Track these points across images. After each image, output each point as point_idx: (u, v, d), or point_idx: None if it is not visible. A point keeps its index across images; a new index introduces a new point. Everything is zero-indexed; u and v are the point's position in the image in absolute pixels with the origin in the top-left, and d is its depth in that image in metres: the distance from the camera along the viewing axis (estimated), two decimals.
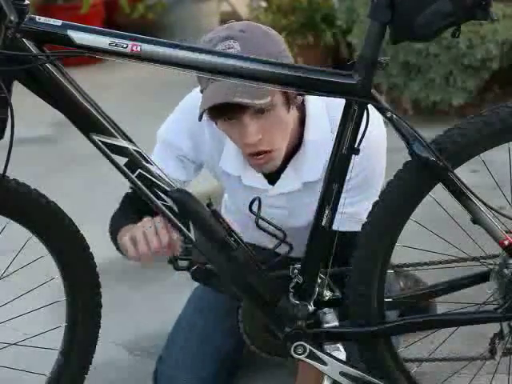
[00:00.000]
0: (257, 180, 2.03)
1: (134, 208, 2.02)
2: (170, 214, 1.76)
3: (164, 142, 2.06)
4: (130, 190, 2.08)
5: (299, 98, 1.91)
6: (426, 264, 1.93)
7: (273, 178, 2.02)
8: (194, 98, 2.01)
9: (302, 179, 2.01)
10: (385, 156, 2.00)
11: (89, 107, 1.69)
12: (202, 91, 1.87)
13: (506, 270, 1.83)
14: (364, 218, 1.96)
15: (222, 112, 1.82)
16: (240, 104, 1.78)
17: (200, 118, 1.85)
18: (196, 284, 2.35)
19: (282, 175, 2.01)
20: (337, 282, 1.90)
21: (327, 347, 1.87)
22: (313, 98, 1.97)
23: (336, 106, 1.94)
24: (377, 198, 2.03)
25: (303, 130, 1.97)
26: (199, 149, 2.06)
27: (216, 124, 1.92)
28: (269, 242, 1.91)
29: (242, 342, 1.94)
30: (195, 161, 2.08)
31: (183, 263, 1.96)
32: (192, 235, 1.77)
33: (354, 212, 1.94)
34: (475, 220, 1.78)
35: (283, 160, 1.98)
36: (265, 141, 1.87)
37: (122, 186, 2.03)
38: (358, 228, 1.97)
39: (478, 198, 1.76)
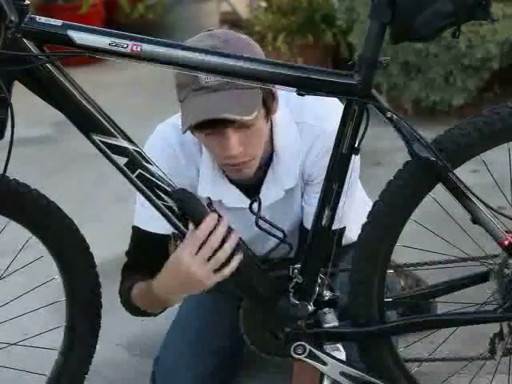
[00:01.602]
0: (238, 199, 1.99)
1: (140, 271, 1.98)
2: (170, 214, 1.76)
3: None
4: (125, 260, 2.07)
5: (275, 106, 1.88)
6: (426, 264, 1.93)
7: (253, 193, 1.99)
8: (160, 137, 2.00)
9: (283, 187, 2.00)
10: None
11: (89, 107, 1.69)
12: (181, 101, 1.84)
13: (506, 270, 1.83)
14: (346, 214, 1.96)
15: (207, 125, 1.78)
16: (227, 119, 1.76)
17: (184, 132, 1.84)
18: None
19: (263, 188, 1.99)
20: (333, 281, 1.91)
21: (327, 347, 1.87)
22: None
23: (301, 111, 1.95)
24: (356, 193, 2.04)
25: (273, 139, 1.97)
26: (179, 182, 2.02)
27: (193, 133, 1.91)
28: (264, 249, 1.92)
29: (242, 342, 1.94)
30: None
31: None
32: None
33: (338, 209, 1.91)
34: (475, 220, 1.78)
35: (260, 173, 1.97)
36: (245, 152, 1.84)
37: (122, 186, 2.03)
38: (342, 225, 1.98)
39: (478, 198, 1.76)
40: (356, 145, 1.74)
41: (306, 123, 1.96)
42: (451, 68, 4.20)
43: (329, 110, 1.85)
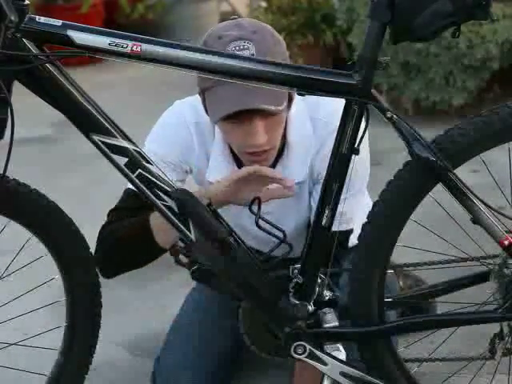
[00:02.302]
0: None
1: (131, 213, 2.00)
2: (169, 214, 1.76)
3: (149, 152, 1.89)
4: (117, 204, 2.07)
5: (293, 95, 1.92)
6: (426, 264, 1.93)
7: None
8: (177, 112, 2.03)
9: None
10: (368, 153, 2.00)
11: (89, 107, 1.69)
12: (203, 91, 1.87)
13: (505, 270, 1.83)
14: (352, 216, 1.96)
15: (235, 115, 1.81)
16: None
17: (216, 122, 1.86)
18: (194, 284, 2.35)
19: None
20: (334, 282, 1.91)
21: (327, 347, 1.87)
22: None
23: (316, 107, 1.96)
24: (363, 196, 2.04)
25: (286, 132, 1.98)
26: (188, 161, 2.05)
27: (216, 122, 1.92)
28: (265, 247, 1.92)
29: (242, 342, 1.94)
30: (183, 167, 2.06)
31: (183, 259, 1.97)
32: (192, 235, 1.77)
33: (342, 211, 1.92)
34: (475, 220, 1.78)
35: (270, 164, 1.98)
36: (268, 141, 1.87)
37: (122, 186, 2.03)
38: (348, 227, 1.98)
39: (478, 197, 1.76)
40: (356, 145, 1.74)
41: (320, 120, 1.98)
42: (451, 68, 4.20)
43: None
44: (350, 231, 2.03)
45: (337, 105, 1.87)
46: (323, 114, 1.98)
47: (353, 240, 2.02)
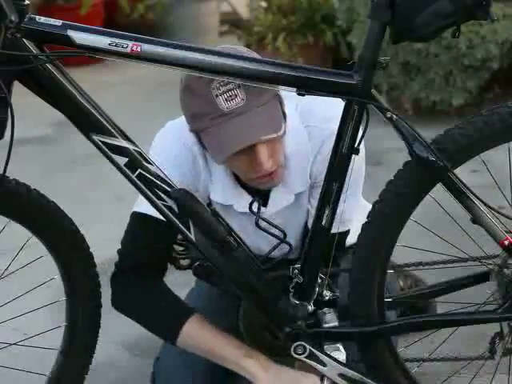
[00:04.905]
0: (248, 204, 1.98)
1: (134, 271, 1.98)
2: (169, 214, 1.76)
3: None
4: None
5: (285, 109, 1.87)
6: (426, 264, 1.93)
7: (263, 199, 1.96)
8: (176, 135, 1.96)
9: (293, 191, 1.99)
10: (364, 152, 1.99)
11: (89, 107, 1.69)
12: (196, 132, 1.82)
13: (506, 270, 1.83)
14: (351, 217, 1.96)
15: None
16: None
17: (222, 163, 1.84)
18: (194, 284, 2.35)
19: (272, 193, 1.97)
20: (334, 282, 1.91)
21: (327, 347, 1.87)
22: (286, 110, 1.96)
23: (309, 114, 1.94)
24: (360, 197, 2.03)
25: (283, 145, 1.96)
26: (193, 183, 1.98)
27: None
28: (267, 247, 1.91)
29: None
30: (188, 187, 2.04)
31: (184, 262, 1.97)
32: (192, 235, 1.77)
33: (341, 211, 1.90)
34: (475, 220, 1.78)
35: None
36: (275, 162, 1.84)
37: (122, 186, 2.03)
38: (345, 228, 1.97)
39: (478, 197, 1.76)
40: (356, 145, 1.74)
41: (315, 126, 1.94)
42: (451, 68, 4.20)
43: (338, 114, 1.84)
44: (348, 232, 2.03)
45: (330, 111, 1.86)
46: (317, 120, 1.95)
47: (350, 239, 2.02)
